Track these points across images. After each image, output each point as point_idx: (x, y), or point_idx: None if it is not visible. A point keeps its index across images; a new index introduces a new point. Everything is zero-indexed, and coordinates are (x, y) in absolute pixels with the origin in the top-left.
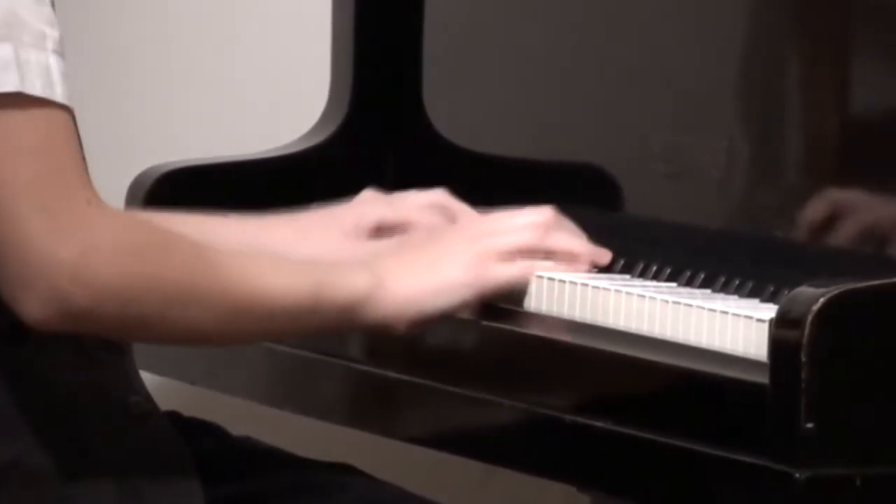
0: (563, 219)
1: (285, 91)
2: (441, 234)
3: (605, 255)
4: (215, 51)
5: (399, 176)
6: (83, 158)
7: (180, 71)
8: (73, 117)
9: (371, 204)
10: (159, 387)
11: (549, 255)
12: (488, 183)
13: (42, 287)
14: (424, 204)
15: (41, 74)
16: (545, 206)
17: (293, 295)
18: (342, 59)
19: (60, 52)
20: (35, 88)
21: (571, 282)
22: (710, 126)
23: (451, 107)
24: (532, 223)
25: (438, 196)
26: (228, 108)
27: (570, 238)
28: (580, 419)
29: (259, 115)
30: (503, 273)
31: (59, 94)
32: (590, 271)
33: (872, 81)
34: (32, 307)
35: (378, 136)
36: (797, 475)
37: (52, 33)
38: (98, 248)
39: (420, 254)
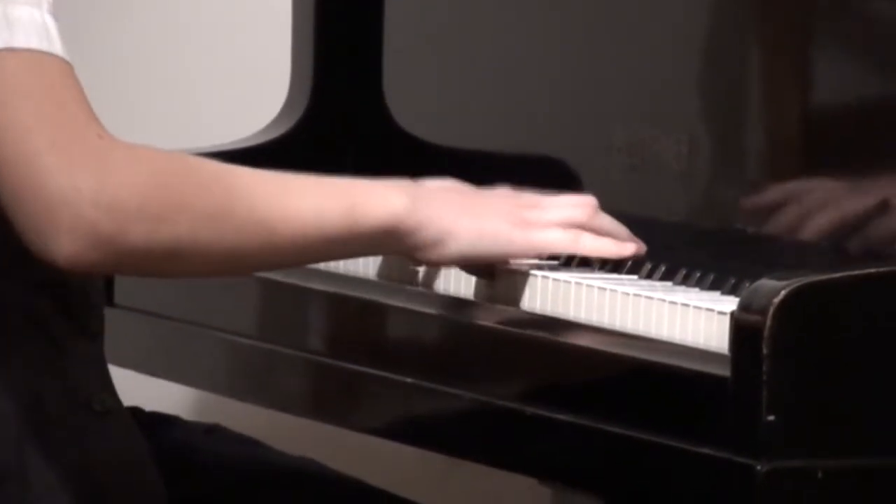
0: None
1: (246, 83)
2: (489, 192)
3: (642, 248)
4: (175, 43)
5: (359, 168)
6: (89, 104)
7: (140, 63)
8: (74, 71)
9: None
10: (121, 379)
11: (595, 234)
12: (449, 176)
13: (67, 219)
14: None
15: (37, 30)
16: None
17: (326, 213)
18: (302, 51)
19: (54, 15)
20: (31, 42)
21: (532, 274)
22: (673, 119)
23: (412, 99)
24: (581, 202)
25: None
26: (189, 101)
27: (614, 223)
28: (542, 412)
29: (220, 108)
30: (552, 236)
31: (58, 49)
32: (633, 258)
33: (834, 75)
34: (63, 244)
35: (338, 129)
36: (758, 467)
37: None
38: (117, 172)
39: (465, 197)
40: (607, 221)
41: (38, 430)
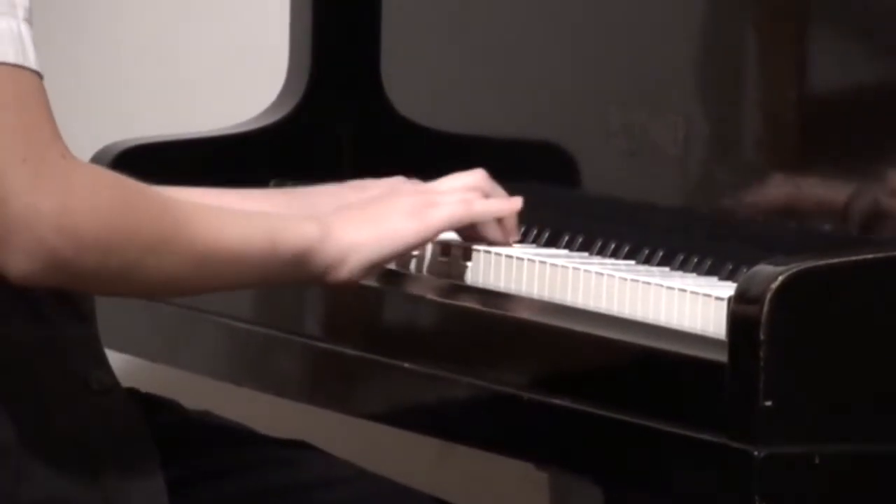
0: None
1: (244, 67)
2: (384, 195)
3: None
4: (173, 26)
5: (357, 153)
6: (54, 120)
7: (137, 46)
8: (43, 84)
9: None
10: (118, 363)
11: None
12: (446, 160)
13: (26, 240)
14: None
15: (14, 42)
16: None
17: (251, 243)
18: (301, 36)
19: (30, 21)
20: (8, 56)
21: (530, 259)
22: (669, 104)
23: (410, 84)
24: (471, 176)
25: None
26: (187, 85)
27: (496, 185)
28: (538, 396)
29: (218, 92)
30: (442, 210)
31: (31, 61)
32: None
33: (831, 59)
34: (17, 261)
35: (336, 113)
36: (755, 453)
37: (23, 1)
38: (79, 198)
39: (364, 209)
40: (498, 188)
41: (34, 405)
